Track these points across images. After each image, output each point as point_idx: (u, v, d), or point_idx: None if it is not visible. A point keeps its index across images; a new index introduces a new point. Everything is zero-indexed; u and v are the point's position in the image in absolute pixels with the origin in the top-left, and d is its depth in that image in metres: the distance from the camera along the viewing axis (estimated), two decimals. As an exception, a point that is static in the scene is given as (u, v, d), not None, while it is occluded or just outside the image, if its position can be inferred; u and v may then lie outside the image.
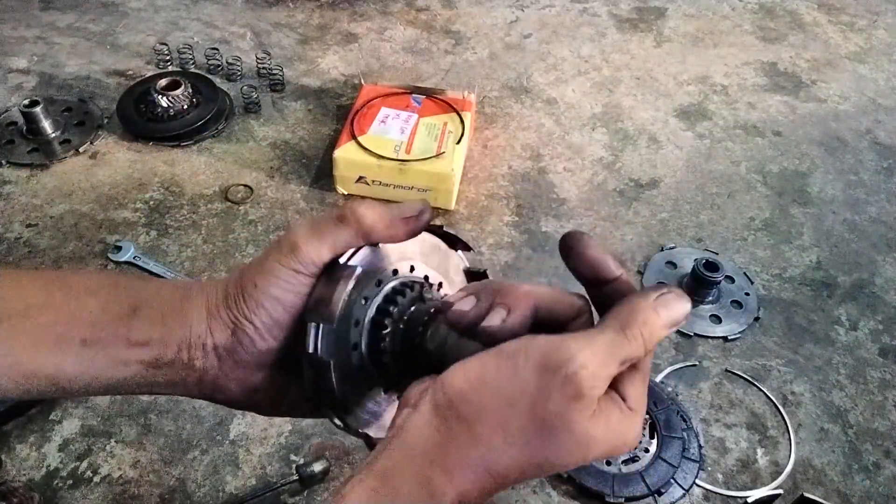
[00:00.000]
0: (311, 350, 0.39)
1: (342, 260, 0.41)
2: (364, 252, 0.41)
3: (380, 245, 0.42)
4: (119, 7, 1.51)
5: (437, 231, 0.46)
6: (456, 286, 0.47)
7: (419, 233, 0.43)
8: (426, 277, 0.45)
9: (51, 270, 0.47)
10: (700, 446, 0.83)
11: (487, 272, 0.47)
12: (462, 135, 1.11)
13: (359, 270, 0.40)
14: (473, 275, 0.48)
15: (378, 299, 0.42)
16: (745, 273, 1.03)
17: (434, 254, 0.46)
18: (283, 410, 0.47)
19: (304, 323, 0.40)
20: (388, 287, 0.43)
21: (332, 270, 0.41)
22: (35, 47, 1.38)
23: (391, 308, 0.42)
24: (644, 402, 0.37)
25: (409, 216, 0.42)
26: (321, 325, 0.39)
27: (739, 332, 0.95)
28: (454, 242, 0.47)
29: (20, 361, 0.41)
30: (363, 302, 0.42)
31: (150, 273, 0.97)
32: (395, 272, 0.44)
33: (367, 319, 0.42)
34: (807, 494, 0.75)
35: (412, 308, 0.43)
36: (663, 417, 0.84)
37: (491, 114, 1.29)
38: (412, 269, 0.45)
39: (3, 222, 1.04)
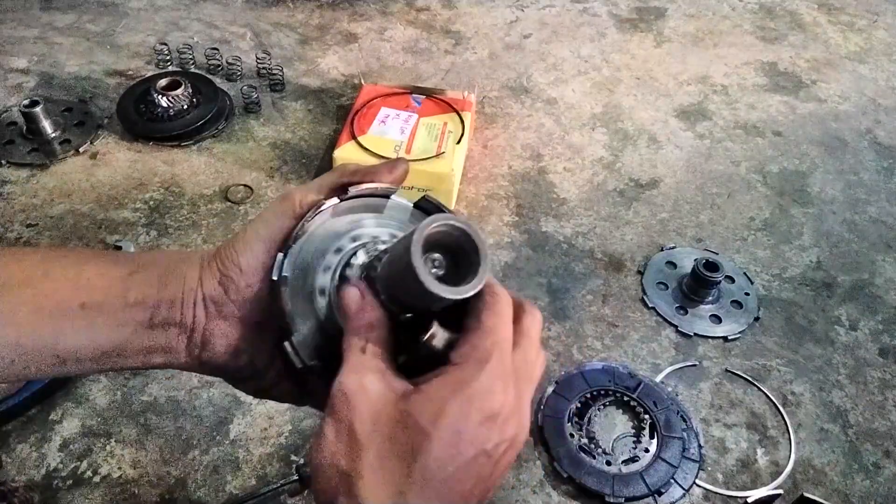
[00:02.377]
0: (273, 277, 0.42)
1: (276, 268, 0.42)
2: (336, 202, 0.44)
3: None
4: (119, 7, 1.51)
5: (421, 203, 0.47)
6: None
7: (397, 179, 0.46)
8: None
9: (48, 245, 0.48)
10: (700, 446, 0.83)
11: (426, 197, 0.48)
12: (462, 135, 1.11)
13: (328, 204, 0.44)
14: (422, 205, 0.48)
15: (346, 252, 0.43)
16: (745, 273, 1.03)
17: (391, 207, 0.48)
18: (266, 389, 0.48)
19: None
20: (357, 244, 0.44)
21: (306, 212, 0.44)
22: (35, 47, 1.38)
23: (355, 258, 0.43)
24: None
25: (388, 164, 0.46)
26: (287, 253, 0.42)
27: (739, 332, 0.95)
28: (386, 195, 0.47)
29: (22, 334, 0.41)
30: (335, 251, 0.44)
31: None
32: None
33: (335, 265, 0.43)
34: (807, 494, 0.75)
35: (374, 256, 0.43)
36: (663, 417, 0.84)
37: (491, 114, 1.29)
38: (355, 239, 0.45)
39: (3, 222, 1.04)
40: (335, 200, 0.44)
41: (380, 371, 0.37)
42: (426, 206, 0.47)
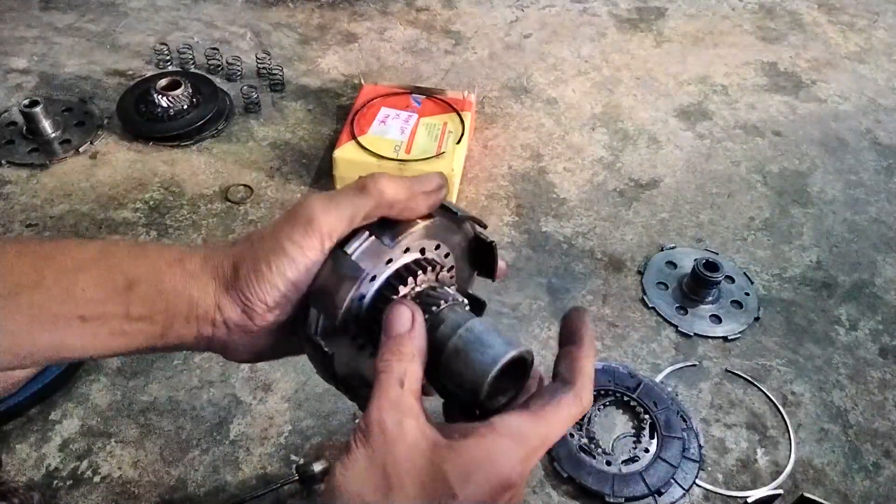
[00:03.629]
0: (314, 337, 0.40)
1: (349, 250, 0.41)
2: (370, 242, 0.41)
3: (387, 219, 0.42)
4: (119, 7, 1.51)
5: (443, 209, 0.45)
6: (461, 260, 0.47)
7: (436, 206, 0.43)
8: (432, 264, 0.44)
9: (34, 243, 0.45)
10: (700, 446, 0.83)
11: (495, 244, 0.47)
12: (462, 135, 1.11)
13: (365, 274, 0.40)
14: (480, 244, 0.47)
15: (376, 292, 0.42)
16: (745, 273, 1.03)
17: (441, 229, 0.45)
18: (282, 355, 0.47)
19: (307, 306, 0.41)
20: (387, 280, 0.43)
21: (340, 259, 0.41)
22: (35, 47, 1.38)
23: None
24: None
25: (429, 190, 0.42)
26: (321, 319, 0.40)
27: (739, 332, 0.95)
28: (462, 220, 0.46)
29: (18, 342, 0.40)
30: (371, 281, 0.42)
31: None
32: (407, 249, 0.43)
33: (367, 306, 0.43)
34: (807, 494, 0.75)
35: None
36: (663, 417, 0.84)
37: (491, 114, 1.29)
38: (423, 251, 0.44)
39: (3, 222, 1.04)
40: (368, 238, 0.41)
41: (416, 416, 0.38)
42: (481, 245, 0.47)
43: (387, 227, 0.42)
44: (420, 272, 0.42)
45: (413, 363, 0.39)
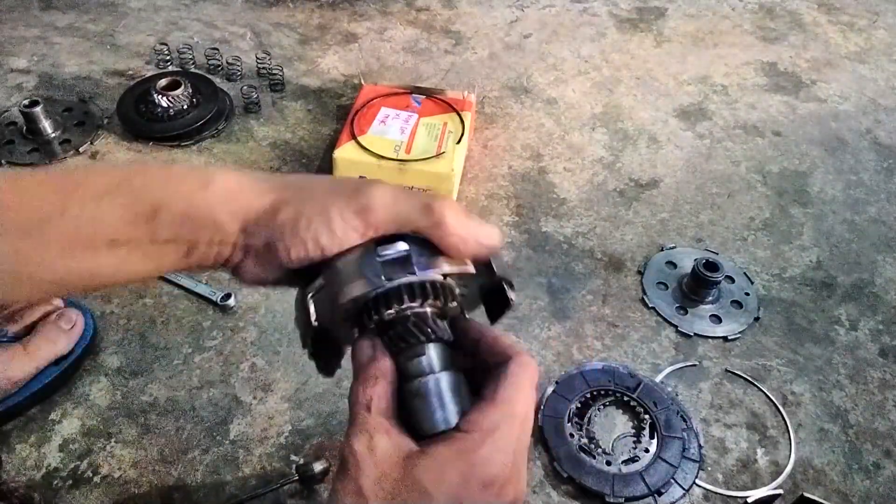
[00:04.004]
0: (308, 301, 0.42)
1: (382, 252, 0.41)
2: (402, 257, 0.42)
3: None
4: (119, 7, 1.51)
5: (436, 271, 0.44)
6: (473, 290, 0.48)
7: (481, 259, 0.44)
8: (443, 292, 0.44)
9: (57, 172, 0.47)
10: (700, 446, 0.83)
11: (513, 305, 0.46)
12: (462, 135, 1.11)
13: (381, 283, 0.41)
14: (500, 296, 0.47)
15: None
16: (745, 273, 1.03)
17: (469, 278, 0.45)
18: (285, 286, 0.48)
19: (318, 271, 0.43)
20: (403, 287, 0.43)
21: (369, 256, 0.41)
22: (35, 47, 1.38)
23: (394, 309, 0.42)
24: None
25: (485, 243, 0.43)
26: (323, 291, 0.42)
27: (739, 332, 0.95)
28: (496, 281, 0.45)
29: (53, 269, 0.41)
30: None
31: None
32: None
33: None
34: (807, 494, 0.75)
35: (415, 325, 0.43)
36: (663, 417, 0.84)
37: (491, 114, 1.29)
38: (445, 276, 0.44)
39: (3, 222, 1.04)
40: (403, 252, 0.41)
41: (385, 430, 0.39)
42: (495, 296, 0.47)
43: (426, 250, 0.42)
44: (427, 298, 0.42)
45: (378, 385, 0.40)
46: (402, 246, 0.42)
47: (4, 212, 0.41)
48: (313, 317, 0.42)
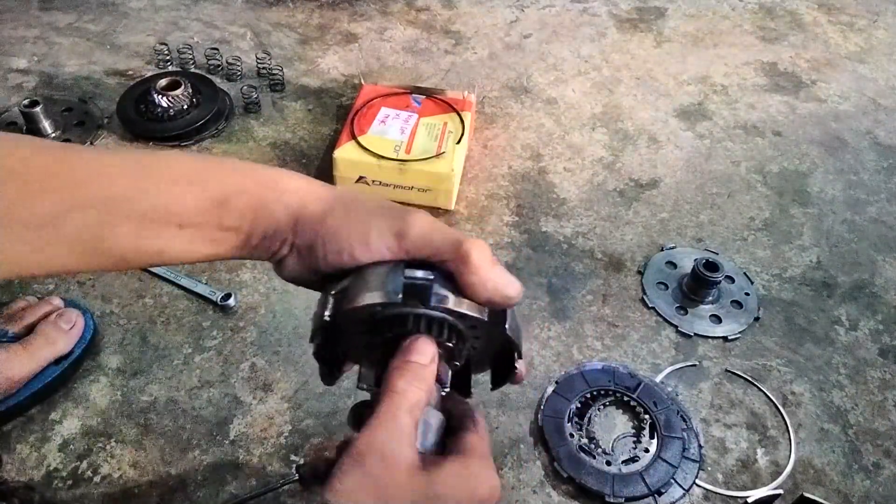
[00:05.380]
0: (329, 296, 0.44)
1: (408, 275, 0.43)
2: (423, 284, 0.43)
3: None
4: (119, 7, 1.51)
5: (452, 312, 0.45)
6: (483, 351, 0.49)
7: (497, 308, 0.44)
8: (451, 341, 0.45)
9: (136, 155, 0.51)
10: (700, 446, 0.83)
11: (520, 377, 0.48)
12: (462, 135, 1.11)
13: (400, 304, 0.43)
14: (507, 359, 0.48)
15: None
16: (745, 273, 1.03)
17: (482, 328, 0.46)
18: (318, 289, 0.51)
19: (347, 273, 0.45)
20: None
21: (394, 274, 0.43)
22: (35, 47, 1.38)
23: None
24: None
25: (503, 292, 0.43)
26: (346, 291, 0.44)
27: (739, 332, 0.95)
28: (503, 336, 0.46)
29: (126, 247, 0.44)
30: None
31: (151, 273, 0.97)
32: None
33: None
34: (807, 494, 0.75)
35: None
36: (663, 417, 0.84)
37: (491, 114, 1.29)
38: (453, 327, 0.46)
39: (3, 222, 1.04)
40: (428, 281, 0.43)
41: (412, 444, 0.40)
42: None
43: (449, 285, 0.43)
44: (442, 336, 0.44)
45: (426, 394, 0.42)
46: (427, 274, 0.43)
47: (89, 186, 0.43)
48: (328, 311, 0.43)
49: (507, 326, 0.45)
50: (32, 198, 0.42)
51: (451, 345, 0.44)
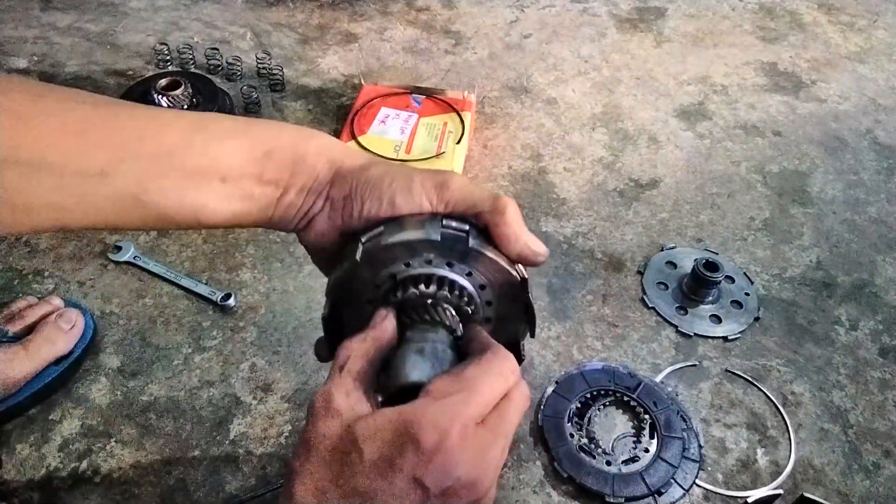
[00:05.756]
0: (361, 241, 0.46)
1: (445, 223, 0.45)
2: (458, 235, 0.45)
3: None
4: (119, 7, 1.51)
5: (487, 256, 0.47)
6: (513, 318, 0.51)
7: (524, 263, 0.48)
8: (451, 284, 0.47)
9: (188, 115, 0.53)
10: (700, 446, 0.83)
11: (530, 301, 0.49)
12: (462, 135, 1.11)
13: (459, 226, 0.45)
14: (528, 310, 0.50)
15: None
16: (745, 273, 1.03)
17: (505, 282, 0.49)
18: (324, 267, 0.54)
19: (382, 222, 0.47)
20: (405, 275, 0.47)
21: (433, 223, 0.45)
22: (35, 47, 1.38)
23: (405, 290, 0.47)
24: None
25: (533, 248, 0.47)
26: (381, 237, 0.46)
27: (739, 332, 0.95)
28: (521, 295, 0.49)
29: (168, 199, 0.46)
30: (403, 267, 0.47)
31: (151, 273, 0.97)
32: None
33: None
34: (807, 494, 0.75)
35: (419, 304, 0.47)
36: (663, 417, 0.84)
37: (491, 114, 1.29)
38: (429, 262, 0.47)
39: (3, 222, 1.04)
40: (462, 230, 0.45)
41: (346, 391, 0.41)
42: (527, 307, 0.50)
43: (483, 237, 0.46)
44: (453, 292, 0.47)
45: (362, 345, 0.43)
46: (462, 224, 0.45)
47: (141, 140, 0.45)
48: (359, 254, 0.45)
49: (529, 293, 0.48)
50: (88, 150, 0.44)
51: (462, 304, 0.46)
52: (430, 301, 0.46)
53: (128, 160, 0.44)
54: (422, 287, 0.46)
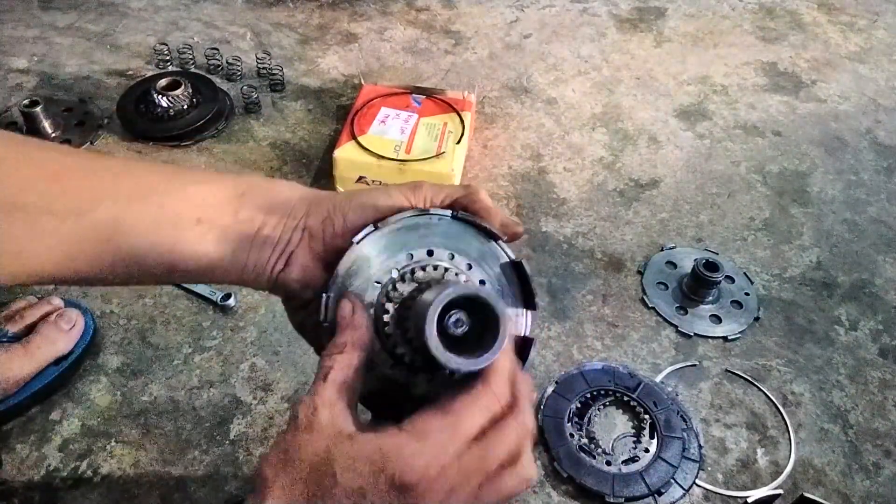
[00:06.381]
0: (353, 239, 0.46)
1: (433, 211, 0.46)
2: (448, 215, 0.46)
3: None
4: (119, 7, 1.51)
5: (477, 224, 0.48)
6: (491, 275, 0.49)
7: (508, 234, 0.48)
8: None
9: (163, 164, 0.55)
10: (700, 446, 0.83)
11: (524, 262, 0.49)
12: (462, 135, 1.11)
13: (440, 213, 0.46)
14: (513, 265, 0.50)
15: (387, 283, 0.46)
16: (745, 273, 1.03)
17: (472, 240, 0.49)
18: (306, 329, 0.53)
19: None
20: (393, 274, 0.46)
21: (424, 212, 0.47)
22: (35, 47, 1.38)
23: (393, 292, 0.45)
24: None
25: (516, 221, 0.50)
26: (376, 227, 0.46)
27: (739, 332, 0.95)
28: (494, 237, 0.49)
29: (142, 242, 0.46)
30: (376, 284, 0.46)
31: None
32: (411, 255, 0.47)
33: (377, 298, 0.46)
34: (807, 494, 0.75)
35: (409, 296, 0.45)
36: (663, 417, 0.84)
37: (491, 114, 1.29)
38: (430, 253, 0.47)
39: (3, 222, 1.04)
40: (448, 213, 0.47)
41: (330, 405, 0.40)
42: (519, 270, 0.49)
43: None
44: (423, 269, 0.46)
45: (343, 355, 0.42)
46: (447, 210, 0.47)
47: (117, 181, 0.46)
48: (370, 227, 0.45)
49: (523, 262, 0.48)
50: (63, 193, 0.44)
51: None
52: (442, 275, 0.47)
53: (104, 200, 0.45)
54: (429, 270, 0.46)
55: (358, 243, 0.45)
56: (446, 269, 0.46)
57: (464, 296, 0.39)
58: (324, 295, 0.45)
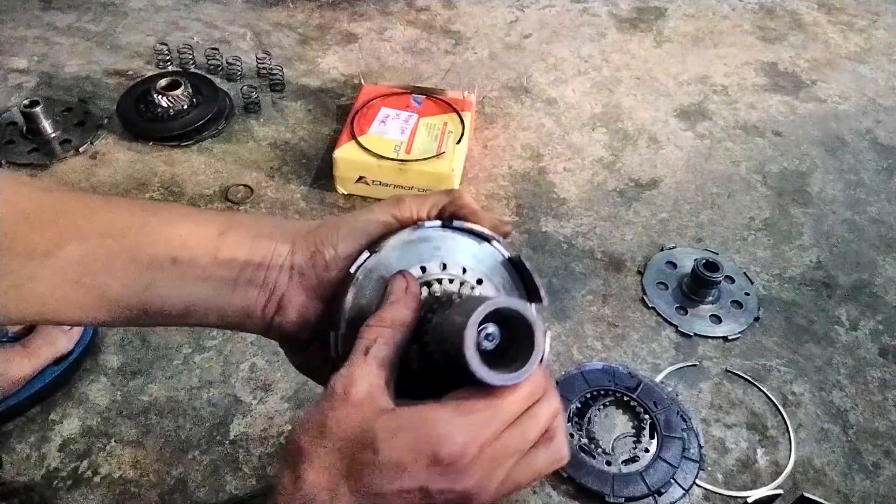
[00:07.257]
0: (350, 269, 0.44)
1: (425, 224, 0.45)
2: (439, 224, 0.46)
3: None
4: (119, 7, 1.51)
5: (471, 230, 0.48)
6: (491, 278, 0.49)
7: (497, 231, 0.48)
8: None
9: (141, 201, 0.53)
10: (700, 446, 0.83)
11: (521, 257, 0.48)
12: (462, 135, 1.11)
13: (431, 224, 0.46)
14: (512, 262, 0.49)
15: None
16: (745, 273, 1.03)
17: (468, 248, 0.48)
18: (311, 368, 0.50)
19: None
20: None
21: (419, 226, 0.45)
22: (35, 47, 1.38)
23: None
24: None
25: (504, 221, 0.48)
26: (372, 253, 0.44)
27: (739, 332, 0.95)
28: (488, 238, 0.48)
29: (115, 281, 0.43)
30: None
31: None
32: (424, 269, 0.46)
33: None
34: (807, 494, 0.75)
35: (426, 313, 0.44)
36: (663, 417, 0.84)
37: (491, 114, 1.29)
38: (444, 266, 0.46)
39: (3, 222, 1.04)
40: (438, 223, 0.46)
41: (368, 381, 0.39)
42: (519, 266, 0.49)
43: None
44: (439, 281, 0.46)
45: (389, 330, 0.41)
46: (437, 220, 0.46)
47: (90, 219, 0.44)
48: (354, 267, 0.44)
49: (520, 256, 0.48)
50: (33, 231, 0.42)
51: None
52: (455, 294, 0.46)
53: (73, 240, 0.43)
54: (445, 283, 0.45)
55: (356, 272, 0.44)
56: (461, 283, 0.46)
57: (496, 310, 0.39)
58: (332, 334, 0.44)
